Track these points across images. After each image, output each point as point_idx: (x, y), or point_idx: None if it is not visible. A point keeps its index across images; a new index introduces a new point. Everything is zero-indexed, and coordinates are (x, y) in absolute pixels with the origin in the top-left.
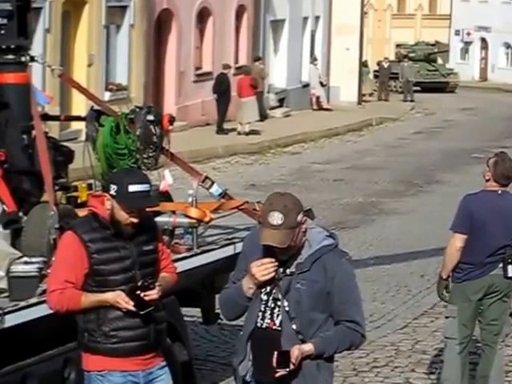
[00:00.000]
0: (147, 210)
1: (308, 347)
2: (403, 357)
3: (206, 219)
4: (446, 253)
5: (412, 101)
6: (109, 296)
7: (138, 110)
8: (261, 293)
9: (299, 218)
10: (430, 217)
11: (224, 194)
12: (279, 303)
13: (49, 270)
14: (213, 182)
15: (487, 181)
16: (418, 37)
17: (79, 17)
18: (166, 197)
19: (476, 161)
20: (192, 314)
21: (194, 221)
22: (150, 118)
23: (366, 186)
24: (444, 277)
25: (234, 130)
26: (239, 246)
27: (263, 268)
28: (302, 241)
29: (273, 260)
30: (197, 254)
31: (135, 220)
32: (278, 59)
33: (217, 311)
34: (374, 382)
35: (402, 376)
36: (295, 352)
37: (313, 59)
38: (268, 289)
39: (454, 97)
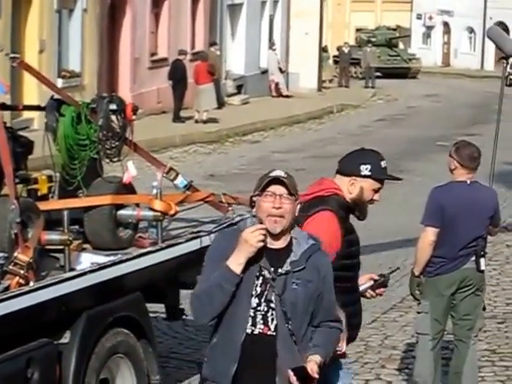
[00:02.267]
0: None
1: (318, 358)
2: (373, 352)
3: (171, 212)
4: (418, 248)
5: (373, 87)
6: None
7: (100, 99)
8: (250, 296)
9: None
10: (396, 207)
11: (189, 186)
12: (273, 305)
13: (11, 266)
14: (177, 174)
15: (453, 171)
16: (378, 21)
17: (30, 1)
18: (129, 189)
19: (441, 149)
20: (154, 309)
21: (158, 214)
22: (113, 107)
23: (328, 175)
24: (417, 273)
25: (190, 118)
26: (205, 240)
27: (258, 233)
28: (290, 235)
29: (264, 227)
30: (162, 249)
31: (378, 198)
32: (236, 45)
33: (181, 307)
34: None
35: (373, 372)
36: (314, 367)
37: (271, 44)
38: (259, 291)
39: (417, 83)
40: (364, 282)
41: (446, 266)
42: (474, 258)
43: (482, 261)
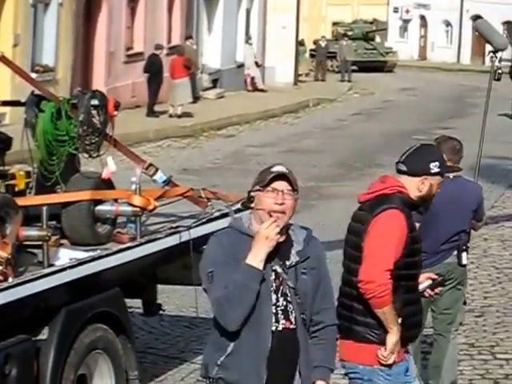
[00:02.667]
0: None
1: (328, 375)
2: None
3: (150, 207)
4: None
5: (349, 81)
6: None
7: (81, 94)
8: (270, 292)
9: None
10: None
11: (168, 181)
12: (289, 298)
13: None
14: (157, 169)
15: None
16: (355, 15)
17: None
18: (108, 184)
19: (417, 143)
20: (130, 304)
21: (137, 209)
22: (95, 102)
23: (304, 170)
24: None
25: (165, 112)
26: (184, 235)
27: (274, 226)
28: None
29: (273, 219)
30: (140, 244)
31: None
32: (212, 38)
33: (158, 302)
34: None
35: None
36: None
37: (248, 38)
38: (275, 286)
39: (393, 76)
40: (422, 281)
41: (428, 261)
42: (456, 253)
43: (464, 255)
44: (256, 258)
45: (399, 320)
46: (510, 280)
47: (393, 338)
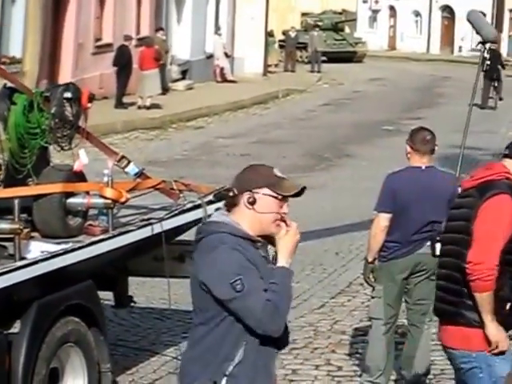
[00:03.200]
0: None
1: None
2: (322, 338)
3: (122, 199)
4: (371, 234)
5: (319, 71)
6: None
7: (54, 87)
8: None
9: None
10: (342, 191)
11: (140, 174)
12: None
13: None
14: (129, 162)
15: (409, 156)
16: (324, 5)
17: None
18: (80, 176)
19: (387, 133)
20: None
21: (109, 201)
22: (68, 95)
23: (274, 161)
24: (370, 259)
25: (133, 104)
26: (156, 227)
27: (295, 226)
28: None
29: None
30: (113, 236)
31: None
32: (182, 29)
33: (129, 294)
34: (293, 364)
35: (323, 357)
36: None
37: (217, 29)
38: None
39: (363, 67)
40: None
41: (400, 251)
42: (429, 243)
43: (438, 246)
44: (289, 260)
45: (507, 305)
46: None
47: (490, 329)
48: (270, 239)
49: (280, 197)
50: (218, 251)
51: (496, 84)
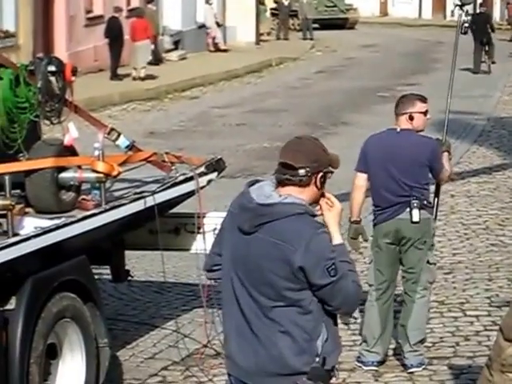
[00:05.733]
0: None
1: None
2: None
3: (114, 173)
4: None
5: (312, 39)
6: None
7: (38, 60)
8: None
9: None
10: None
11: (131, 146)
12: None
13: None
14: (119, 134)
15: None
16: None
17: None
18: (71, 151)
19: (382, 100)
20: (99, 271)
21: (101, 175)
22: (52, 68)
23: (270, 130)
24: (352, 219)
25: (128, 75)
26: (149, 200)
27: (335, 199)
28: None
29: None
30: (106, 210)
31: None
32: (172, 0)
33: (126, 268)
34: None
35: None
36: None
37: None
38: None
39: (355, 33)
40: None
41: (381, 216)
42: (409, 209)
43: (415, 212)
44: (339, 233)
45: None
46: (478, 236)
47: None
48: None
49: (330, 172)
50: (312, 235)
51: (487, 48)
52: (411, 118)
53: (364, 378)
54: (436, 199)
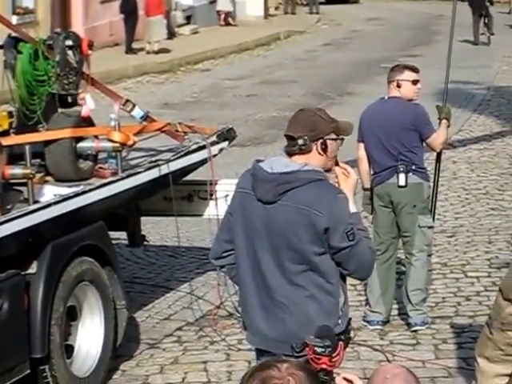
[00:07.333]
0: None
1: None
2: None
3: (130, 142)
4: None
5: (318, 13)
6: None
7: (56, 35)
8: None
9: None
10: None
11: (146, 117)
12: None
13: None
14: (134, 105)
15: None
16: None
17: None
18: (88, 122)
19: (385, 71)
20: (116, 236)
21: (117, 144)
22: (69, 43)
23: (279, 101)
24: (364, 186)
25: (142, 49)
26: (164, 168)
27: (350, 168)
28: None
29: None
30: (122, 178)
31: None
32: None
33: (142, 233)
34: None
35: None
36: None
37: None
38: None
39: (359, 7)
40: None
41: (376, 180)
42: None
43: (402, 176)
44: (354, 204)
45: None
46: (478, 200)
47: None
48: None
49: (340, 139)
50: (333, 200)
51: (486, 20)
52: (399, 86)
53: (370, 337)
54: (437, 165)
